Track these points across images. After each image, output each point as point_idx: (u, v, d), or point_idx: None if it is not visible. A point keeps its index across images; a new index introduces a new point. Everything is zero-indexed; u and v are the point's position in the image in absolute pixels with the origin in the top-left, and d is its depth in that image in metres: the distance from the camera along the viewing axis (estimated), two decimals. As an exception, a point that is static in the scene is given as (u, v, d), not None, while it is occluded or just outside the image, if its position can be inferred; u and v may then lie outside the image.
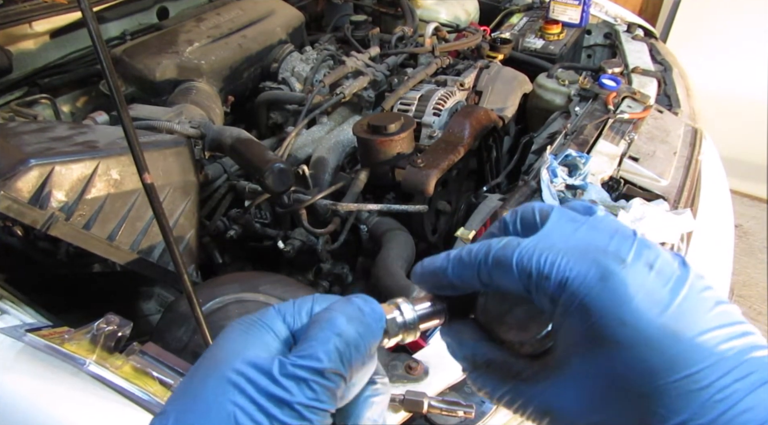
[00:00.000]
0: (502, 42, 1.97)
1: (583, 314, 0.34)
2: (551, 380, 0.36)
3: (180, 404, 0.35)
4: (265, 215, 1.47)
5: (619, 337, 0.32)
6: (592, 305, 0.33)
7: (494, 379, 0.39)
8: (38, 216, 0.99)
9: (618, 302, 0.33)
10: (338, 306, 0.38)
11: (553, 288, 0.35)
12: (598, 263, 0.34)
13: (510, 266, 0.37)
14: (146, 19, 2.01)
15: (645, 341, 0.32)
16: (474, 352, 0.41)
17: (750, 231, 3.13)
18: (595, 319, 0.33)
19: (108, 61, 0.68)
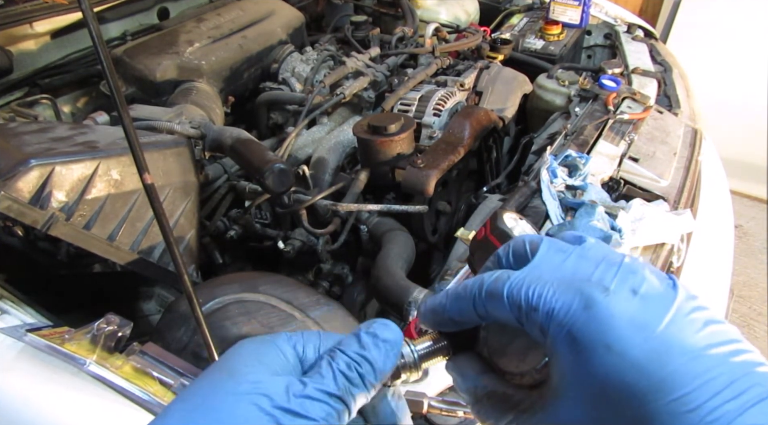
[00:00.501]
0: (503, 42, 1.97)
1: (570, 343, 0.35)
2: (548, 409, 0.37)
3: (188, 412, 0.36)
4: (266, 215, 1.48)
5: (606, 363, 0.33)
6: (578, 334, 0.34)
7: (496, 411, 0.40)
8: (38, 216, 0.99)
9: (602, 329, 0.34)
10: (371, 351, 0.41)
11: (541, 319, 0.36)
12: (581, 293, 0.35)
13: (501, 298, 0.39)
14: (147, 19, 2.01)
15: (631, 365, 0.32)
16: (476, 384, 0.42)
17: (750, 232, 3.13)
18: (582, 347, 0.34)
19: (108, 62, 0.68)
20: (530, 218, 1.18)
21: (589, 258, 0.38)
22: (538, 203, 1.24)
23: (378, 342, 0.41)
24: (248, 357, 0.39)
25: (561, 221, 1.16)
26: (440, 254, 1.51)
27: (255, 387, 0.36)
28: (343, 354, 0.40)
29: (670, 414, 0.31)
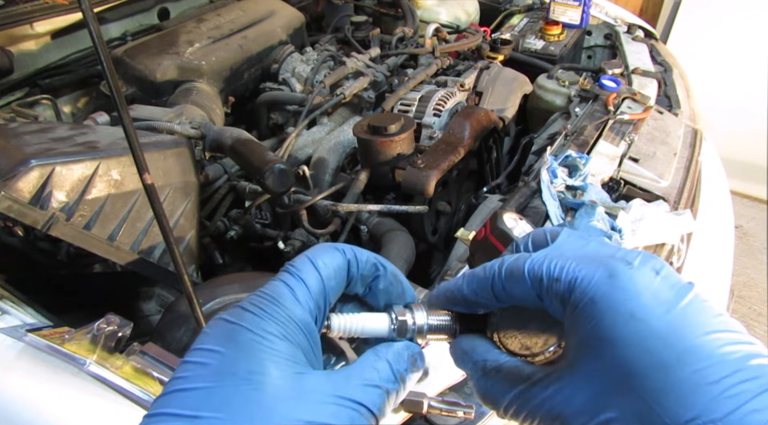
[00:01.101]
0: (503, 43, 1.97)
1: (592, 310, 0.35)
2: (562, 381, 0.36)
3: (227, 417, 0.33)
4: (266, 215, 1.48)
5: (629, 331, 0.33)
6: (602, 301, 0.34)
7: (503, 385, 0.39)
8: (39, 217, 0.99)
9: (627, 298, 0.34)
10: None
11: (563, 289, 0.36)
12: (606, 265, 0.36)
13: (522, 274, 0.39)
14: (147, 19, 2.01)
15: (655, 334, 0.33)
16: (485, 358, 0.41)
17: (750, 232, 3.13)
18: (605, 314, 0.34)
19: (109, 62, 0.68)
20: (530, 218, 1.18)
21: (609, 245, 0.40)
22: (538, 204, 1.24)
23: (413, 368, 0.42)
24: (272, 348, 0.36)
25: (561, 222, 1.16)
26: (440, 254, 1.51)
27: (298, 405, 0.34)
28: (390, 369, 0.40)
29: (692, 384, 0.31)
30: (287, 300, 0.38)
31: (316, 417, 0.34)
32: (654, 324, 0.33)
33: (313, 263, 0.41)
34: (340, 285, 0.42)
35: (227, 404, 0.33)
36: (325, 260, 0.41)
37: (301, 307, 0.39)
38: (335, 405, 0.36)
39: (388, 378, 0.39)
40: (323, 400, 0.35)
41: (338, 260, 0.42)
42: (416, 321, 0.42)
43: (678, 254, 1.23)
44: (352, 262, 0.42)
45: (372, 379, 0.38)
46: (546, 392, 0.36)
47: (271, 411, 0.33)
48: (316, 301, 0.40)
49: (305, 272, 0.40)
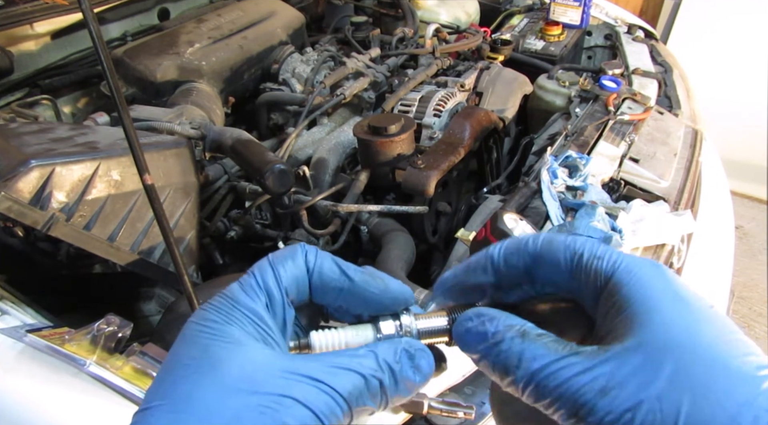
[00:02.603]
0: (503, 43, 1.97)
1: (640, 291, 0.34)
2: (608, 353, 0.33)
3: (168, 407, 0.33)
4: (266, 216, 1.48)
5: (680, 314, 0.33)
6: (650, 283, 0.34)
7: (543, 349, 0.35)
8: (39, 217, 0.99)
9: (674, 283, 0.34)
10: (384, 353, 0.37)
11: (606, 266, 0.36)
12: (647, 259, 0.36)
13: (560, 246, 0.38)
14: (147, 20, 2.01)
15: (705, 320, 0.33)
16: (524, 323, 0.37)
17: (750, 233, 3.13)
18: (654, 297, 0.34)
19: (109, 62, 0.68)
20: (530, 218, 1.18)
21: None
22: (539, 204, 1.24)
23: (412, 366, 0.38)
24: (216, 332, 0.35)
25: (561, 222, 1.16)
26: (440, 254, 1.51)
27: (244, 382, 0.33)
28: (375, 357, 0.36)
29: (742, 372, 0.30)
30: (233, 292, 0.38)
31: (259, 387, 0.33)
32: (704, 312, 0.33)
33: (268, 260, 0.40)
34: (301, 278, 0.40)
35: (172, 390, 0.33)
36: (280, 255, 0.40)
37: (247, 296, 0.38)
38: (283, 377, 0.33)
39: (370, 366, 0.36)
40: (269, 371, 0.34)
41: (296, 255, 0.40)
42: (404, 330, 0.40)
43: (678, 254, 1.23)
44: (309, 260, 0.40)
45: (345, 363, 0.35)
46: (591, 362, 0.33)
47: (211, 386, 0.33)
48: (266, 289, 0.38)
49: (258, 267, 0.40)
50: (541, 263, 0.38)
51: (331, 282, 0.40)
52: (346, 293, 0.40)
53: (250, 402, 0.32)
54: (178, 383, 0.34)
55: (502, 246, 0.40)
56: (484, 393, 0.87)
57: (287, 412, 0.32)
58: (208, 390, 0.33)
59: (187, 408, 0.32)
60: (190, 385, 0.33)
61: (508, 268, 0.40)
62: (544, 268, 0.38)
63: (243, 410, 0.32)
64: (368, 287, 0.40)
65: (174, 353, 0.36)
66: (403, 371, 0.37)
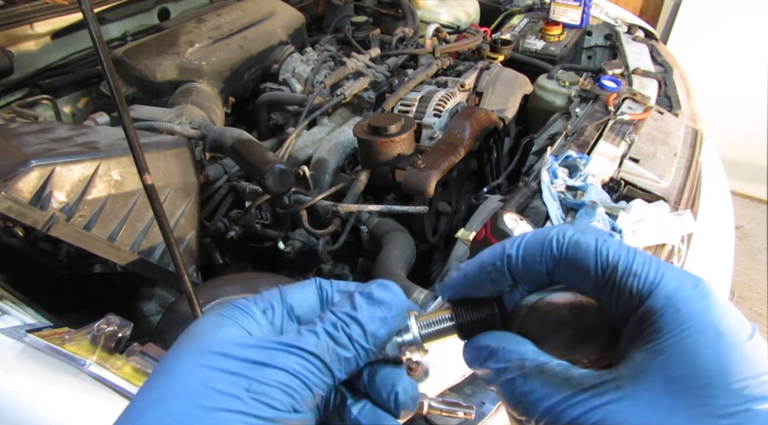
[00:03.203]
0: (503, 43, 1.97)
1: (676, 319, 0.31)
2: (623, 390, 0.31)
3: (151, 376, 0.34)
4: (266, 216, 1.48)
5: (716, 347, 0.30)
6: (687, 311, 0.31)
7: (545, 388, 0.33)
8: (39, 217, 0.99)
9: (714, 314, 0.31)
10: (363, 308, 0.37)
11: (641, 286, 0.32)
12: (687, 274, 0.33)
13: (590, 252, 0.34)
14: (147, 20, 2.01)
15: (743, 359, 0.30)
16: (523, 356, 0.35)
17: (750, 233, 3.13)
18: (691, 326, 0.31)
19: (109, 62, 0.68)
20: (530, 218, 1.18)
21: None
22: (539, 204, 1.24)
23: (373, 303, 0.37)
24: (213, 321, 0.37)
25: (561, 222, 1.16)
26: (440, 254, 1.51)
27: (218, 347, 0.34)
28: (332, 314, 0.37)
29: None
30: (237, 300, 0.39)
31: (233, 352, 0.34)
32: (741, 347, 0.30)
33: (278, 287, 0.41)
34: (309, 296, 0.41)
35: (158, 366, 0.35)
36: (290, 284, 0.41)
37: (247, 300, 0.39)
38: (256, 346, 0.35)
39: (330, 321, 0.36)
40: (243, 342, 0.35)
41: (306, 284, 0.41)
42: (404, 336, 0.39)
43: (678, 254, 1.23)
44: (324, 286, 0.41)
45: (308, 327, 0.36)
46: (600, 400, 0.31)
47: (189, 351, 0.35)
48: (268, 299, 0.39)
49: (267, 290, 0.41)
50: (565, 267, 0.35)
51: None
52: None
53: (223, 365, 0.33)
54: (164, 356, 0.36)
55: (520, 245, 0.36)
56: (484, 393, 0.87)
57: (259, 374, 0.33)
58: (186, 354, 0.34)
59: (166, 372, 0.34)
60: (171, 356, 0.35)
61: (527, 270, 0.37)
62: (569, 273, 0.35)
63: (215, 373, 0.33)
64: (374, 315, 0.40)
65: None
66: (364, 311, 0.37)
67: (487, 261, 0.38)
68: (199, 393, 0.32)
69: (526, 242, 0.36)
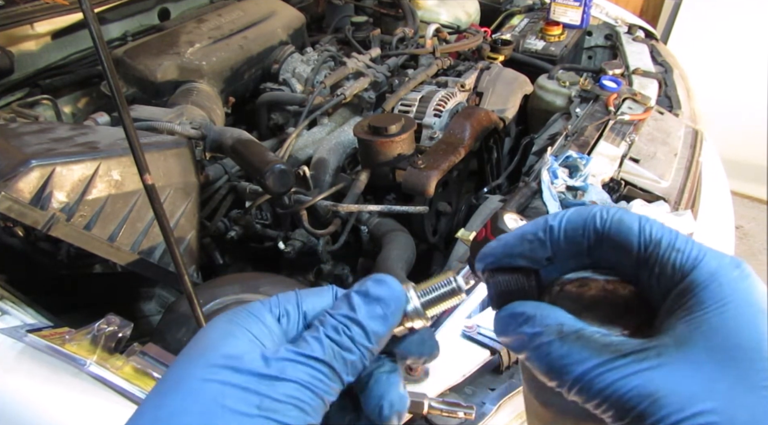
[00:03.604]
0: (503, 43, 1.97)
1: (720, 293, 0.32)
2: (664, 357, 0.31)
3: (160, 399, 0.34)
4: (266, 216, 1.48)
5: (757, 324, 0.31)
6: (730, 286, 0.32)
7: (584, 352, 0.33)
8: (39, 217, 0.99)
9: (753, 291, 0.32)
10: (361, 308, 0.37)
11: (685, 261, 0.33)
12: (729, 256, 0.33)
13: (633, 227, 0.34)
14: (147, 20, 2.01)
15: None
16: (561, 321, 0.35)
17: (750, 233, 3.13)
18: (734, 301, 0.31)
19: (109, 62, 0.68)
20: (531, 218, 1.18)
21: None
22: (539, 204, 1.24)
23: (370, 301, 0.37)
24: (223, 330, 0.36)
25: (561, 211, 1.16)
26: (441, 254, 1.51)
27: (227, 360, 0.33)
28: (331, 317, 0.37)
29: None
30: (251, 303, 0.39)
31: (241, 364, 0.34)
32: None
33: (295, 290, 0.41)
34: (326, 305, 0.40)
35: (164, 377, 0.35)
36: (307, 290, 0.41)
37: (261, 304, 0.39)
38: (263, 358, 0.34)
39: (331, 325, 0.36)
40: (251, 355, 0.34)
41: (324, 292, 0.41)
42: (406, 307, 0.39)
43: (678, 254, 1.23)
44: (340, 291, 0.41)
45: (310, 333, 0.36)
46: (639, 365, 0.31)
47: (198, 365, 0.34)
48: (283, 305, 0.39)
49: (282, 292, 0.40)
50: (607, 243, 0.35)
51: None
52: None
53: (233, 380, 0.33)
54: (171, 368, 0.35)
55: (563, 217, 0.36)
56: (484, 393, 0.87)
57: (270, 389, 0.33)
58: (195, 368, 0.33)
59: (173, 387, 0.33)
60: (180, 367, 0.34)
61: (568, 243, 0.36)
62: (610, 249, 0.35)
63: (226, 388, 0.33)
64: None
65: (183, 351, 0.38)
66: (363, 310, 0.37)
67: (529, 231, 0.38)
68: (210, 411, 0.32)
69: (569, 216, 0.37)
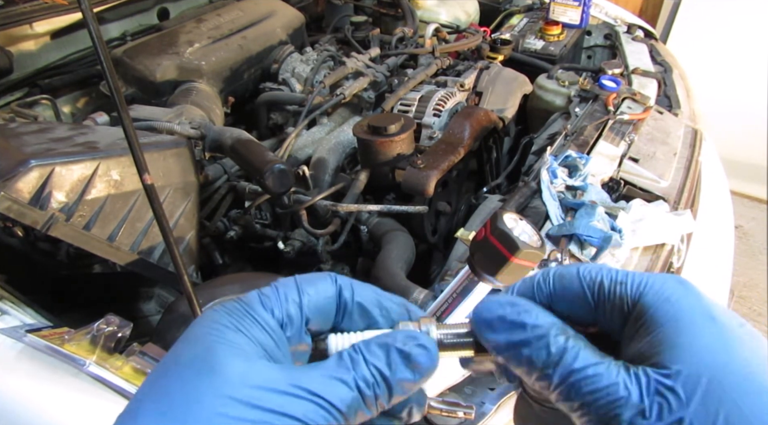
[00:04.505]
0: (503, 43, 1.97)
1: (670, 311, 0.33)
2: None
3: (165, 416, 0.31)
4: (266, 215, 1.48)
5: (712, 333, 0.32)
6: (678, 303, 0.33)
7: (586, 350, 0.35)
8: (38, 217, 0.99)
9: (703, 303, 0.33)
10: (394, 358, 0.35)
11: (630, 291, 0.35)
12: (671, 275, 0.35)
13: (573, 279, 0.37)
14: (147, 20, 2.01)
15: (735, 339, 0.32)
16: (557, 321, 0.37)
17: (750, 232, 3.13)
18: (685, 317, 0.33)
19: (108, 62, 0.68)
20: (530, 218, 1.18)
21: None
22: (539, 204, 1.24)
23: (408, 366, 0.35)
24: (224, 337, 0.33)
25: (561, 222, 1.16)
26: (440, 254, 1.51)
27: (244, 393, 0.31)
28: (365, 365, 0.34)
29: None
30: (250, 299, 0.36)
31: (260, 401, 0.31)
32: (734, 331, 0.32)
33: (295, 280, 0.38)
34: (328, 308, 0.38)
35: (166, 391, 0.32)
36: (309, 280, 0.38)
37: (263, 307, 0.36)
38: (285, 393, 0.32)
39: (362, 376, 0.34)
40: (272, 386, 0.32)
41: (326, 283, 0.39)
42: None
43: (678, 254, 1.23)
44: (344, 288, 0.39)
45: (339, 373, 0.34)
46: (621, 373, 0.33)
47: (209, 392, 0.31)
48: (285, 308, 0.36)
49: (283, 284, 0.38)
50: (558, 300, 0.38)
51: (366, 317, 0.39)
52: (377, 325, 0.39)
53: (248, 416, 0.31)
54: (175, 384, 0.32)
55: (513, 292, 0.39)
56: (484, 393, 0.87)
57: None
58: (206, 396, 0.31)
59: (181, 412, 0.31)
60: (188, 388, 0.31)
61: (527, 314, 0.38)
62: (563, 304, 0.38)
63: (240, 424, 0.31)
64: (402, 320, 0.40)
65: (174, 352, 0.34)
66: (398, 374, 0.35)
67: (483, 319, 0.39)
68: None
69: (517, 290, 0.39)
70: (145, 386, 0.33)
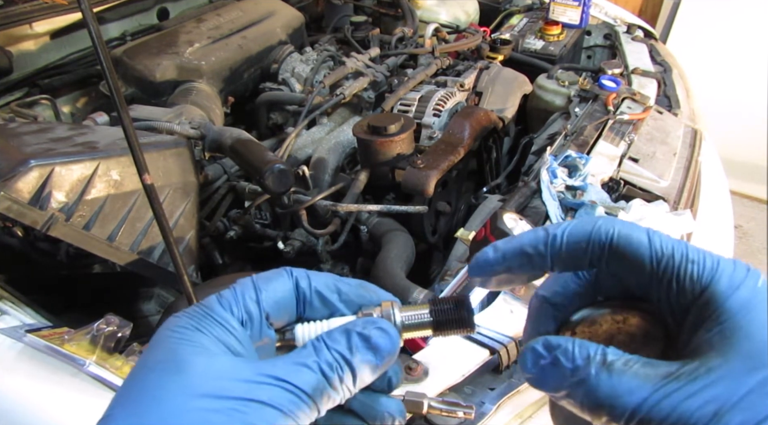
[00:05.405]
0: (502, 43, 1.97)
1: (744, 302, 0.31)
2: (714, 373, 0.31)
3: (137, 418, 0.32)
4: (265, 215, 1.48)
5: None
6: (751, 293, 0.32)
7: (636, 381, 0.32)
8: (38, 217, 0.99)
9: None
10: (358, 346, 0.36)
11: (703, 273, 0.32)
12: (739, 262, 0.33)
13: (642, 242, 0.33)
14: (146, 19, 2.01)
15: None
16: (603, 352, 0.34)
17: (750, 232, 3.13)
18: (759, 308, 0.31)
19: (108, 62, 0.68)
20: (530, 218, 1.18)
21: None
22: (538, 204, 1.24)
23: (368, 348, 0.36)
24: (186, 338, 0.35)
25: (561, 222, 1.16)
26: (440, 254, 1.51)
27: (211, 387, 0.32)
28: (327, 350, 0.36)
29: None
30: (210, 302, 0.38)
31: (225, 391, 0.32)
32: None
33: (252, 279, 0.40)
34: (286, 300, 0.40)
35: (136, 395, 0.33)
36: (266, 277, 0.40)
37: (222, 308, 0.37)
38: (250, 381, 0.33)
39: (325, 360, 0.35)
40: (237, 376, 0.33)
41: (282, 277, 0.40)
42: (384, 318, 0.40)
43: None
44: (301, 279, 0.40)
45: (302, 358, 0.35)
46: (695, 386, 0.30)
47: (177, 390, 0.32)
48: (244, 306, 0.38)
49: (241, 283, 0.39)
50: (614, 258, 0.34)
51: (326, 303, 0.40)
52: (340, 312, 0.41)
53: (217, 406, 0.32)
54: (143, 388, 0.33)
55: (565, 230, 0.35)
56: (484, 393, 0.87)
57: (255, 414, 0.32)
58: (173, 394, 0.32)
59: (151, 413, 0.32)
60: (157, 389, 0.32)
61: (569, 257, 0.36)
62: (618, 265, 0.34)
63: (210, 414, 0.32)
64: (362, 301, 0.41)
65: (143, 358, 0.35)
66: (359, 356, 0.36)
67: (528, 244, 0.37)
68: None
69: (572, 229, 0.36)
70: (117, 394, 0.34)
